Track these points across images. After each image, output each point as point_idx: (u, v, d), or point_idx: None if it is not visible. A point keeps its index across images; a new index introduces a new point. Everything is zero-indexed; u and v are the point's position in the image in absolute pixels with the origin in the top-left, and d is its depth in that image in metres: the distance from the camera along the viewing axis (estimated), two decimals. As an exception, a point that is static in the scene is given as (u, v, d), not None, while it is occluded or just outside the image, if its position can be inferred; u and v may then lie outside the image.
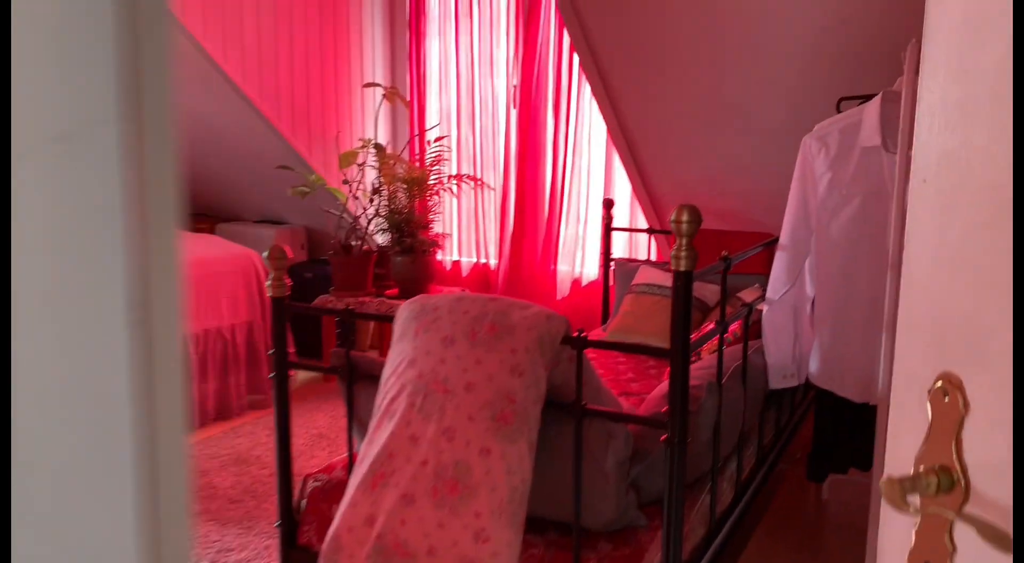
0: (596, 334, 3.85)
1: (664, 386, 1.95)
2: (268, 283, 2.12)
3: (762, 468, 2.69)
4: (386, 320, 1.98)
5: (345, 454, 2.20)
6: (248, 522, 3.08)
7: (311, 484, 2.22)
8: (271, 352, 2.17)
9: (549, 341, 1.74)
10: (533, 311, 1.77)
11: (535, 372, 1.71)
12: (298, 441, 3.91)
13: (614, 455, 1.78)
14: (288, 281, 2.14)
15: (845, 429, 2.71)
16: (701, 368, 2.19)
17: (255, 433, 4.00)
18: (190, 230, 4.76)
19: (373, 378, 1.99)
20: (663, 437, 1.72)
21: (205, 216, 5.76)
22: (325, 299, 4.48)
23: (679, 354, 1.68)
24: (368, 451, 1.81)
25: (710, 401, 1.99)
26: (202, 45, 3.99)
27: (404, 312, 1.89)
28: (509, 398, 1.69)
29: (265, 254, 2.09)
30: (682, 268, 1.66)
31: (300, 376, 4.56)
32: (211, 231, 5.29)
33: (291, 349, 4.34)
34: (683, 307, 1.68)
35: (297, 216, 5.29)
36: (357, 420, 2.14)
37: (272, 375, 2.18)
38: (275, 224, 5.36)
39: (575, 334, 1.78)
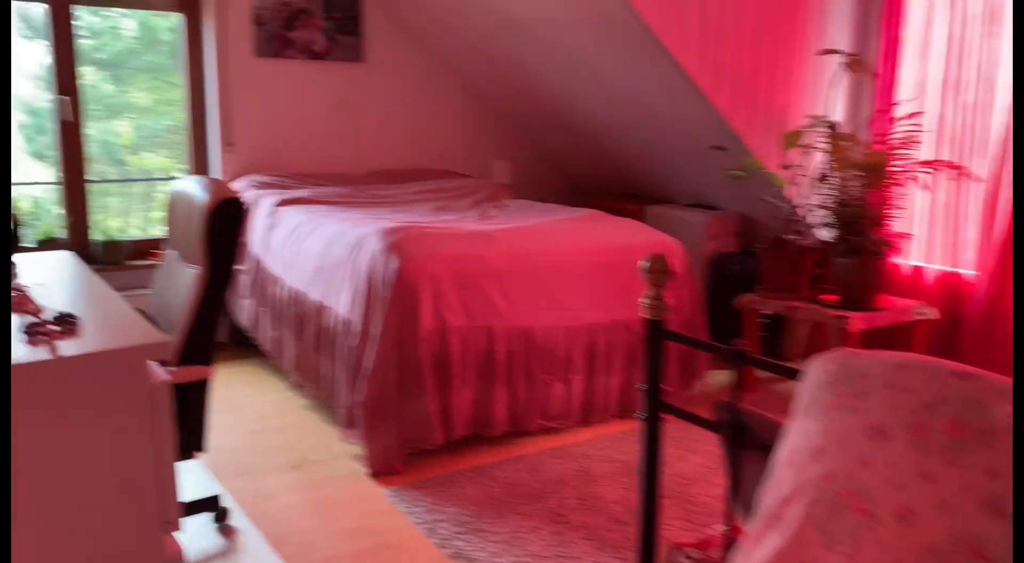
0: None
1: None
2: (643, 301, 1.66)
3: None
4: (787, 374, 1.39)
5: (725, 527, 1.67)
6: (627, 550, 2.71)
7: (680, 561, 1.73)
8: (640, 386, 1.72)
9: (1065, 466, 1.01)
10: (1038, 410, 1.04)
11: (1032, 516, 1.00)
12: (702, 458, 3.45)
13: None
14: (670, 301, 1.66)
15: None
16: None
17: (656, 441, 3.64)
18: (617, 212, 4.53)
19: (766, 449, 1.43)
20: None
21: (636, 197, 5.53)
22: (750, 299, 3.92)
23: None
24: (740, 566, 1.26)
25: None
26: (637, 11, 3.65)
27: (816, 372, 1.29)
28: (978, 551, 1.01)
29: (645, 264, 1.64)
30: None
31: (715, 377, 4.04)
32: (639, 214, 5.02)
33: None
34: None
35: (731, 201, 4.77)
36: (742, 495, 1.59)
37: (640, 415, 1.72)
38: (707, 209, 4.91)
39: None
